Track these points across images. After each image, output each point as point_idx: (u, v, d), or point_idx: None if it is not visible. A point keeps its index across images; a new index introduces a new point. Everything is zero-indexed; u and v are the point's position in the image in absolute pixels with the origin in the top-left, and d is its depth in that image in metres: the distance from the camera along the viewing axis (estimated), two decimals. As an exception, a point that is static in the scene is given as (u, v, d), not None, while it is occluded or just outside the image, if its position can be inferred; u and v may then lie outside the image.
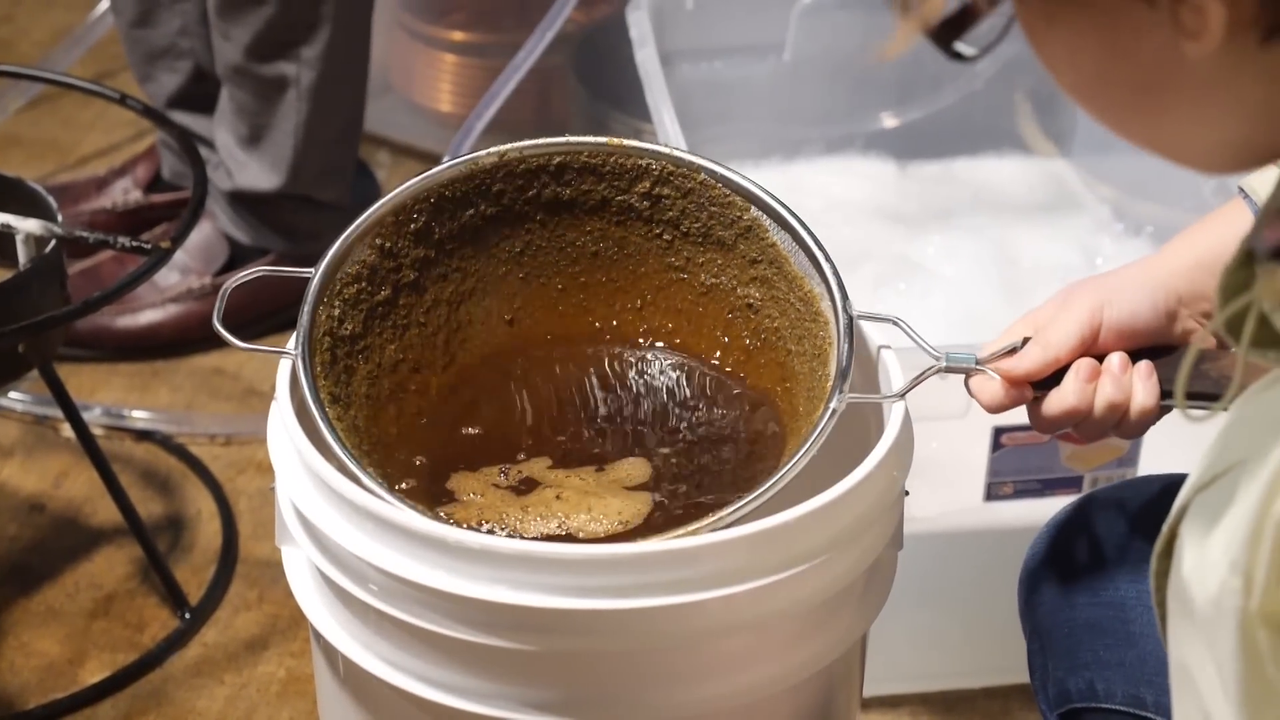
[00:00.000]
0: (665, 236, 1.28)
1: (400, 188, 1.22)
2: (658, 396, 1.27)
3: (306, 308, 1.17)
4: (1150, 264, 1.13)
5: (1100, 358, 1.10)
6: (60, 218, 1.62)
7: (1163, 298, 1.11)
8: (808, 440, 1.10)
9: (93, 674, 1.70)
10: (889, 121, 2.15)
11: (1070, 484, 1.58)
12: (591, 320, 1.30)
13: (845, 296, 1.16)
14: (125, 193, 2.25)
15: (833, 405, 1.12)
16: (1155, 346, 1.12)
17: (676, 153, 1.25)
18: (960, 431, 1.53)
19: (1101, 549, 1.17)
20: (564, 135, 1.26)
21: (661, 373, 1.28)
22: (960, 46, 0.76)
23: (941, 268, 1.92)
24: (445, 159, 2.01)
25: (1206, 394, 1.04)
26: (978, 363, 1.12)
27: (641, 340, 1.30)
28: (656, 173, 1.25)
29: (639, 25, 1.85)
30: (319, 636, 1.15)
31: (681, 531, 1.07)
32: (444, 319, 1.26)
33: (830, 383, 1.13)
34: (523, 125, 2.37)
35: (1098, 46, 0.73)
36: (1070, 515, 1.21)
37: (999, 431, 1.55)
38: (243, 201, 2.12)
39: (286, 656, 1.73)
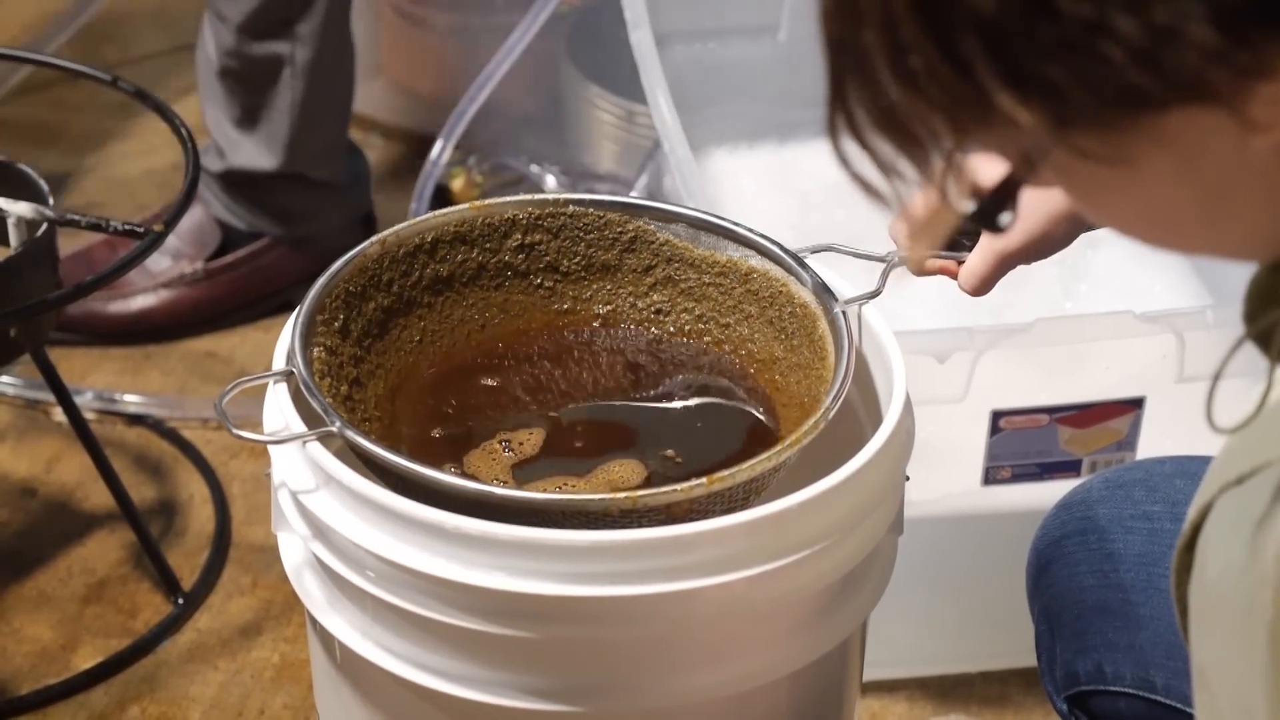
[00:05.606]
0: (546, 285, 1.28)
1: (313, 288, 1.20)
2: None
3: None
4: None
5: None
6: (52, 200, 1.61)
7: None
8: (834, 387, 1.12)
9: (85, 660, 1.70)
10: (884, 103, 2.13)
11: (1069, 468, 1.58)
12: (514, 383, 1.29)
13: (776, 242, 1.20)
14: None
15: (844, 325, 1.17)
16: None
17: (540, 196, 1.27)
18: (958, 415, 1.53)
19: (1111, 531, 1.16)
20: (444, 209, 1.27)
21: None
22: (1002, 219, 0.74)
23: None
24: (437, 142, 2.02)
25: None
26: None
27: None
28: (525, 221, 1.27)
29: (633, 6, 1.83)
30: (316, 624, 1.14)
31: (689, 485, 1.05)
32: (389, 415, 1.25)
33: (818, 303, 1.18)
34: (516, 108, 2.35)
35: (1167, 167, 0.68)
36: (1079, 497, 1.20)
37: (997, 415, 1.54)
38: (235, 184, 2.10)
39: (281, 642, 1.72)
